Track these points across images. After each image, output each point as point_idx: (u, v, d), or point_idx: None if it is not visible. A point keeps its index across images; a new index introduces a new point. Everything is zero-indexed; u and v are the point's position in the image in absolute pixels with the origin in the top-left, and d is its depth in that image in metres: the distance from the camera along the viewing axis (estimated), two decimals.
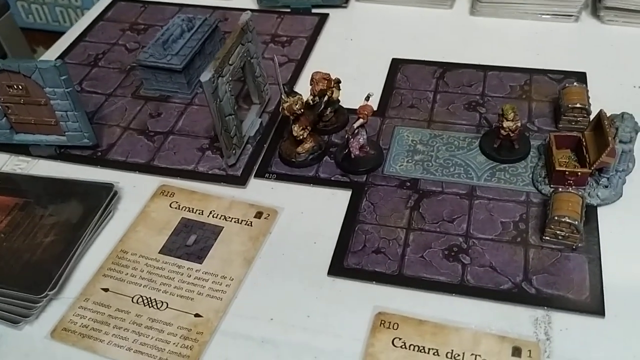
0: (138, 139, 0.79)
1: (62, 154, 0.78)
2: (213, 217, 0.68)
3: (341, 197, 0.70)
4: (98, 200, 0.69)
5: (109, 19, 1.03)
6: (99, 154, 0.77)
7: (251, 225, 0.67)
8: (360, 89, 0.75)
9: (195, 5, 1.03)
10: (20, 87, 0.71)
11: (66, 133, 0.75)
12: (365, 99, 0.69)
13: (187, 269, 0.63)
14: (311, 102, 0.73)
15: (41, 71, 0.69)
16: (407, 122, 0.78)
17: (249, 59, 0.74)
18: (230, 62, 0.69)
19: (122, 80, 0.89)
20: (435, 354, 0.55)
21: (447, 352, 0.55)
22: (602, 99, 0.75)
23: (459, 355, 0.55)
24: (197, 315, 0.59)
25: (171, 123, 0.81)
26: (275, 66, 0.69)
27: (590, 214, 0.65)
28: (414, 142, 0.75)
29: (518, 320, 0.57)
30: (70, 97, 0.71)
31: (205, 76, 0.64)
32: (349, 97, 0.77)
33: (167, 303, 0.60)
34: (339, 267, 0.63)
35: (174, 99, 0.85)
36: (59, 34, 1.03)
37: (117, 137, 0.80)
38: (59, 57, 0.95)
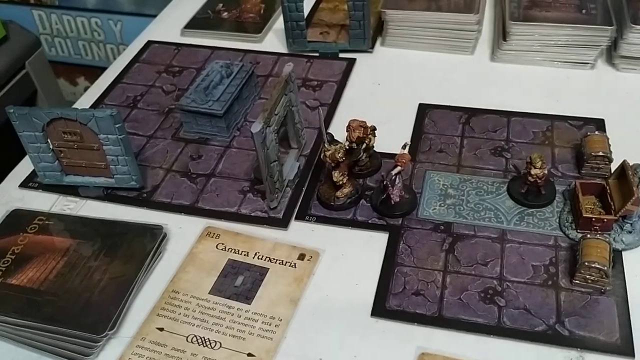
0: (181, 180, 0.83)
1: (109, 195, 0.81)
2: (258, 258, 0.72)
3: (379, 240, 0.73)
4: (149, 242, 0.73)
5: (145, 61, 1.07)
6: (145, 195, 0.81)
7: (295, 267, 0.71)
8: (389, 133, 0.79)
9: (227, 49, 1.08)
10: (75, 133, 0.75)
11: (115, 176, 0.79)
12: (403, 147, 0.73)
13: (237, 309, 0.67)
14: (347, 147, 0.78)
15: (97, 119, 0.73)
16: (437, 166, 0.82)
17: (290, 107, 0.79)
18: (276, 112, 0.74)
19: (161, 122, 0.93)
20: None
21: None
22: (620, 145, 0.80)
23: None
24: (249, 354, 0.62)
25: (212, 165, 0.85)
26: (320, 117, 0.73)
27: (615, 258, 0.69)
28: (445, 186, 0.79)
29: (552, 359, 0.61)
30: (122, 143, 0.75)
31: (255, 127, 0.68)
32: (380, 141, 0.81)
33: (220, 343, 0.64)
34: (381, 309, 0.66)
35: (212, 141, 0.89)
36: (80, 67, 1.07)
37: (160, 178, 0.84)
38: (98, 99, 0.99)
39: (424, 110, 0.92)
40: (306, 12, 1.11)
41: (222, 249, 0.73)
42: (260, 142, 0.69)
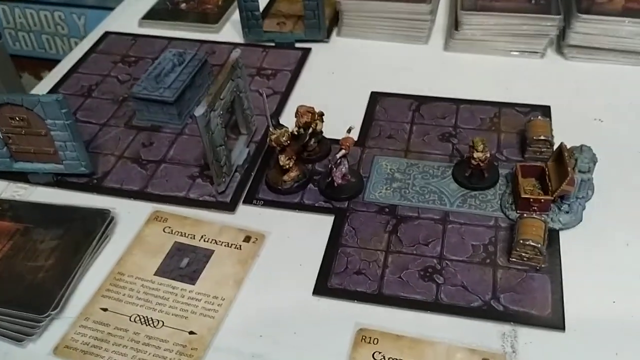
0: (132, 167, 0.84)
1: (59, 181, 0.82)
2: (204, 241, 0.73)
3: (324, 222, 0.75)
4: (95, 226, 0.73)
5: (101, 51, 1.08)
6: (95, 181, 0.82)
7: (240, 249, 0.72)
8: (341, 121, 0.80)
9: (183, 39, 1.09)
10: (22, 118, 0.75)
11: (64, 162, 0.79)
12: (347, 131, 0.75)
13: (181, 289, 0.68)
14: (296, 133, 0.79)
15: (43, 104, 0.73)
16: (386, 152, 0.84)
17: (238, 93, 0.80)
18: (221, 97, 0.75)
19: (115, 111, 0.94)
20: None
21: None
22: (564, 131, 0.82)
23: None
24: (191, 332, 0.63)
25: (163, 152, 0.86)
26: (264, 101, 0.75)
27: (552, 237, 0.71)
28: (392, 170, 0.81)
29: (487, 335, 0.63)
30: (69, 129, 0.75)
31: (198, 111, 0.69)
32: (331, 128, 0.82)
33: (162, 321, 0.65)
34: (323, 288, 0.67)
35: (165, 129, 0.90)
36: (44, 61, 1.07)
37: (111, 165, 0.84)
38: (53, 88, 0.99)
39: (375, 98, 0.93)
40: (264, 3, 1.12)
41: (169, 232, 0.74)
42: (204, 126, 0.70)
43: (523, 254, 0.68)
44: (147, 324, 0.64)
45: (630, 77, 0.95)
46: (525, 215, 0.70)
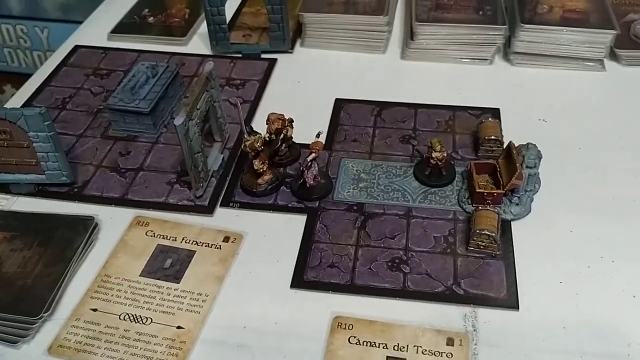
0: (111, 175, 0.87)
1: (40, 191, 0.85)
2: (185, 242, 0.77)
3: (298, 221, 0.80)
4: (80, 231, 0.77)
5: (72, 64, 1.11)
6: (76, 190, 0.85)
7: (220, 249, 0.77)
8: (309, 126, 0.86)
9: (153, 52, 1.13)
10: (4, 131, 0.78)
11: (46, 172, 0.82)
12: (316, 136, 0.81)
13: (166, 288, 0.72)
14: (268, 139, 0.84)
15: (26, 118, 0.77)
16: (352, 154, 0.90)
17: (212, 103, 0.85)
18: (197, 107, 0.79)
19: (90, 122, 0.97)
20: (385, 347, 0.66)
21: (394, 346, 0.66)
22: (513, 130, 0.89)
23: (403, 347, 0.66)
24: (179, 327, 0.68)
25: (140, 160, 0.90)
26: (238, 110, 0.80)
27: (505, 227, 0.78)
28: (358, 171, 0.87)
29: (450, 316, 0.69)
30: (52, 140, 0.79)
31: (178, 120, 0.74)
32: (300, 134, 0.88)
33: (151, 318, 0.69)
34: (299, 280, 0.73)
35: (140, 138, 0.94)
36: (6, 74, 1.09)
37: (91, 174, 0.88)
38: (26, 102, 1.02)
39: (339, 104, 1.00)
40: (229, 16, 1.17)
41: (151, 236, 0.78)
42: (183, 134, 0.75)
43: (480, 243, 0.75)
44: (136, 321, 0.69)
45: (570, 81, 1.04)
46: (480, 208, 0.78)
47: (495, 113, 0.97)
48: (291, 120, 0.86)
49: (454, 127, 0.95)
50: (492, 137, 0.87)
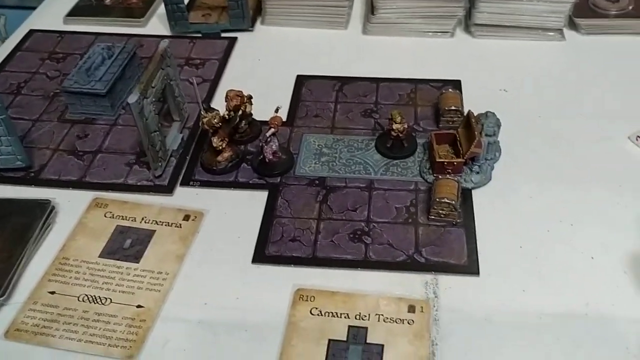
0: (68, 158, 0.86)
1: None
2: (145, 222, 0.76)
3: (259, 198, 0.80)
4: (36, 215, 0.75)
5: (27, 49, 1.08)
6: (32, 174, 0.84)
7: (180, 227, 0.76)
8: (270, 104, 0.85)
9: (111, 34, 1.11)
10: None
11: (0, 157, 0.81)
12: (275, 111, 0.80)
13: (126, 268, 0.71)
14: (227, 116, 0.83)
15: None
16: (313, 129, 0.90)
17: (168, 81, 0.83)
18: (153, 85, 0.78)
19: (47, 106, 0.95)
20: (346, 317, 0.66)
21: (356, 315, 0.66)
22: (474, 101, 0.89)
23: (365, 316, 0.66)
24: (139, 306, 0.67)
25: (98, 143, 0.88)
26: (194, 87, 0.79)
27: (466, 196, 0.79)
28: (320, 146, 0.87)
29: (412, 284, 0.69)
30: (4, 124, 0.77)
31: (132, 98, 0.73)
32: (261, 111, 0.87)
33: (110, 299, 0.68)
34: (261, 255, 0.73)
35: (99, 120, 0.92)
36: None
37: (47, 158, 0.86)
38: None
39: (301, 81, 0.99)
40: None
41: (110, 217, 0.77)
42: (137, 112, 0.74)
43: (440, 211, 0.75)
44: (95, 302, 0.68)
45: (530, 51, 1.05)
46: (440, 177, 0.78)
47: (456, 85, 0.97)
48: (250, 97, 0.85)
49: (416, 100, 0.95)
50: (453, 108, 0.88)
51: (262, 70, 1.02)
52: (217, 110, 0.80)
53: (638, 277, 0.70)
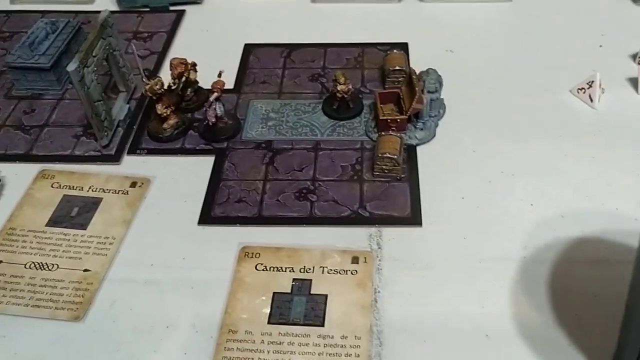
0: (15, 133, 0.86)
1: None
2: (92, 191, 0.77)
3: (206, 163, 0.80)
4: None
5: None
6: None
7: (128, 194, 0.76)
8: (217, 72, 0.86)
9: (57, 12, 1.09)
10: None
11: None
12: (218, 75, 0.80)
13: (73, 235, 0.72)
14: (172, 84, 0.84)
15: None
16: (260, 95, 0.90)
17: (111, 51, 0.83)
18: (94, 54, 0.78)
19: None
20: (291, 270, 0.67)
21: (300, 268, 0.67)
22: (421, 63, 0.90)
23: (309, 269, 0.67)
24: (85, 270, 0.68)
25: (45, 117, 0.88)
26: (134, 53, 0.79)
27: (411, 152, 0.80)
28: (267, 111, 0.87)
29: (356, 237, 0.71)
30: None
31: (71, 66, 0.73)
32: (208, 80, 0.87)
33: (57, 264, 0.69)
34: (207, 217, 0.73)
35: (46, 96, 0.92)
36: None
37: None
38: None
39: (249, 49, 0.99)
40: None
41: (57, 187, 0.77)
42: (78, 81, 0.74)
43: (384, 167, 0.76)
44: (42, 268, 0.68)
45: (477, 13, 1.06)
46: (383, 134, 0.79)
47: (403, 47, 0.98)
48: (194, 64, 0.86)
49: (363, 63, 0.96)
50: (397, 68, 0.89)
51: (210, 41, 1.02)
52: (160, 77, 0.80)
53: (576, 220, 0.72)
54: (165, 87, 0.82)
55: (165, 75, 0.89)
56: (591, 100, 0.86)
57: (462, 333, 0.62)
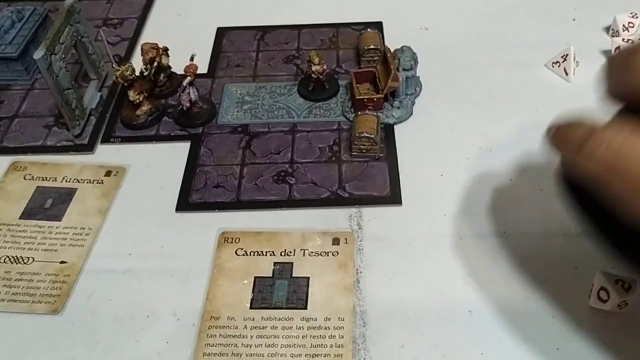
0: None
1: None
2: (66, 181, 0.75)
3: (182, 149, 0.79)
4: None
5: None
6: None
7: (102, 183, 0.75)
8: (189, 56, 0.84)
9: (24, 0, 1.07)
10: None
11: None
12: (190, 59, 0.79)
13: (48, 227, 0.70)
14: (144, 70, 0.82)
15: None
16: (235, 79, 0.89)
17: (79, 38, 0.81)
18: (61, 42, 0.76)
19: None
20: (271, 254, 0.66)
21: (281, 252, 0.67)
22: (396, 41, 0.89)
23: (290, 252, 0.66)
24: (62, 262, 0.66)
25: (15, 108, 0.86)
26: (103, 40, 0.77)
27: (388, 131, 0.80)
28: (242, 94, 0.86)
29: (336, 219, 0.70)
30: None
31: (38, 54, 0.71)
32: (182, 65, 0.85)
33: (33, 257, 0.67)
34: (184, 203, 0.72)
35: (14, 86, 0.89)
36: None
37: None
38: None
39: (222, 33, 0.98)
40: None
41: (29, 179, 0.76)
42: (45, 69, 0.72)
43: (361, 147, 0.76)
44: (17, 262, 0.67)
45: None
46: (359, 113, 0.78)
47: (378, 26, 0.97)
48: (166, 49, 0.84)
49: (338, 43, 0.95)
50: (372, 47, 0.88)
51: (182, 26, 1.01)
52: (130, 63, 0.78)
53: (554, 194, 0.72)
54: (137, 73, 0.80)
55: (137, 62, 0.87)
56: (566, 74, 0.86)
57: (446, 310, 0.62)
